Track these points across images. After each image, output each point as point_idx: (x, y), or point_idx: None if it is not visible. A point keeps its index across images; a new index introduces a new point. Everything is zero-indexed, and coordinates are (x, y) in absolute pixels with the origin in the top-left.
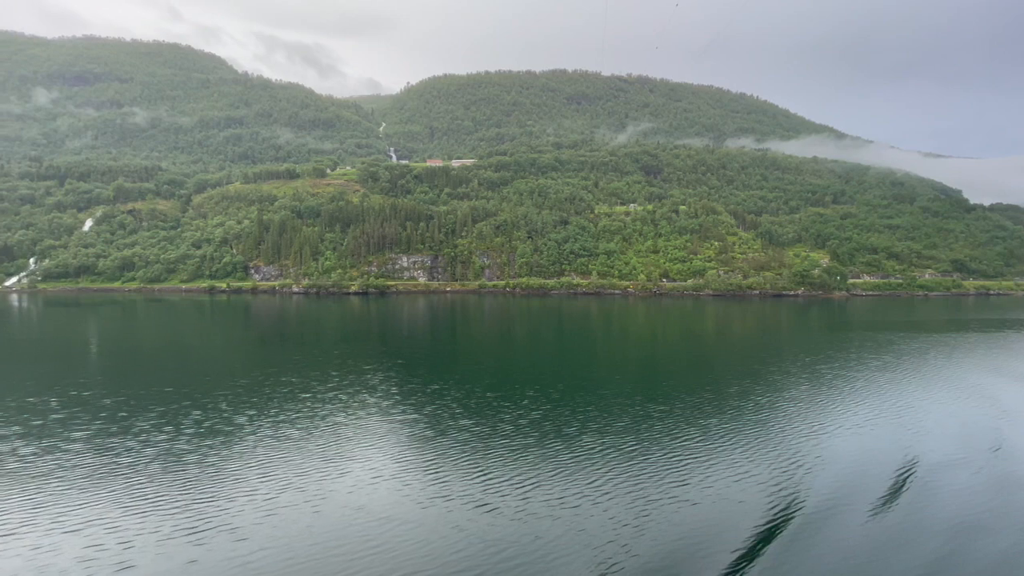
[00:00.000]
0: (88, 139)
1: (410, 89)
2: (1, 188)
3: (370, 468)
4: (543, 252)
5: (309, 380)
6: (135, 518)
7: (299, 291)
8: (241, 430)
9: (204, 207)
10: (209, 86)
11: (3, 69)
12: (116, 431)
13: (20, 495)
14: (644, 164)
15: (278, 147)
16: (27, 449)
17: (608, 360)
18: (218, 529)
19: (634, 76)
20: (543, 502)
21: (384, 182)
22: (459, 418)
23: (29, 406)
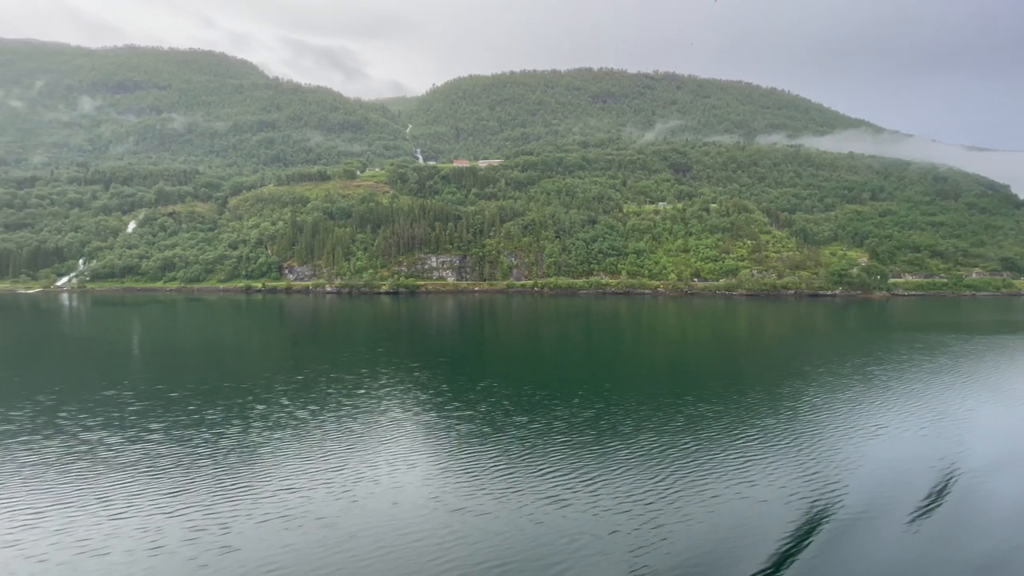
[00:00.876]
0: (130, 144)
1: (435, 90)
2: (52, 192)
3: (435, 462)
4: (571, 252)
5: (361, 377)
6: (228, 504)
7: (332, 291)
8: (306, 424)
9: (240, 209)
10: (242, 91)
11: (52, 79)
12: (189, 423)
13: (119, 481)
14: (673, 162)
15: (308, 149)
16: (113, 439)
17: (638, 361)
18: (308, 516)
19: (661, 73)
20: (575, 498)
21: (412, 183)
22: (502, 416)
23: (107, 399)
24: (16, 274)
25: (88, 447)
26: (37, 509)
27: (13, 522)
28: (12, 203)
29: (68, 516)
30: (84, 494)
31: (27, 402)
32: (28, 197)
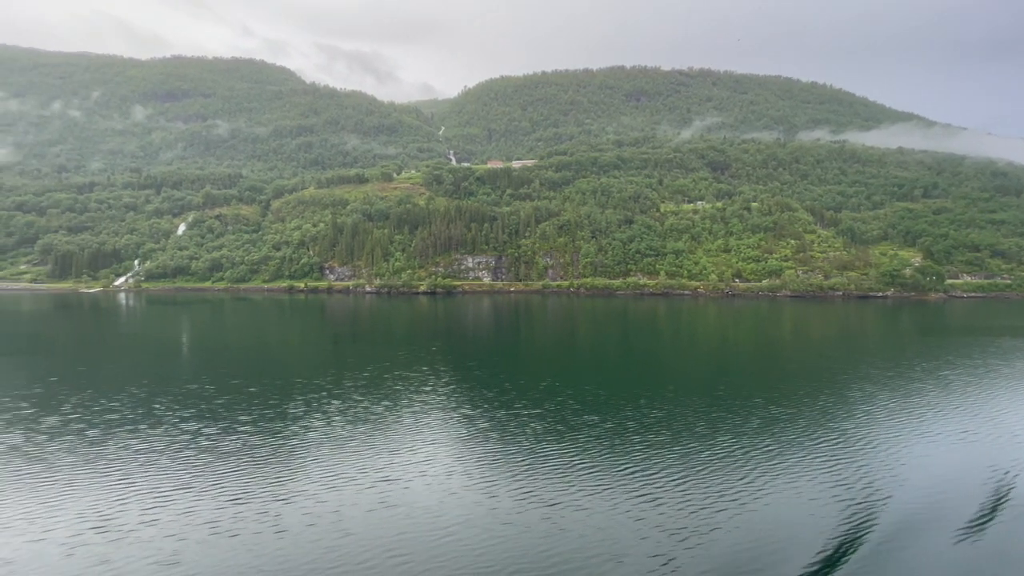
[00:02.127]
0: (179, 150)
1: (467, 92)
2: (109, 197)
3: (474, 461)
4: (607, 252)
5: (408, 376)
6: (333, 493)
7: (371, 291)
8: (350, 424)
9: (282, 211)
10: (281, 97)
11: (107, 89)
12: (275, 416)
13: (228, 468)
14: (710, 160)
15: (345, 153)
16: (210, 430)
17: (679, 362)
18: (367, 508)
19: (695, 69)
20: (615, 498)
21: (447, 184)
22: (543, 416)
23: (193, 392)
24: (79, 274)
25: (190, 436)
26: (162, 492)
27: (145, 503)
28: (74, 207)
29: (193, 499)
30: (200, 479)
31: (122, 394)
32: (88, 202)
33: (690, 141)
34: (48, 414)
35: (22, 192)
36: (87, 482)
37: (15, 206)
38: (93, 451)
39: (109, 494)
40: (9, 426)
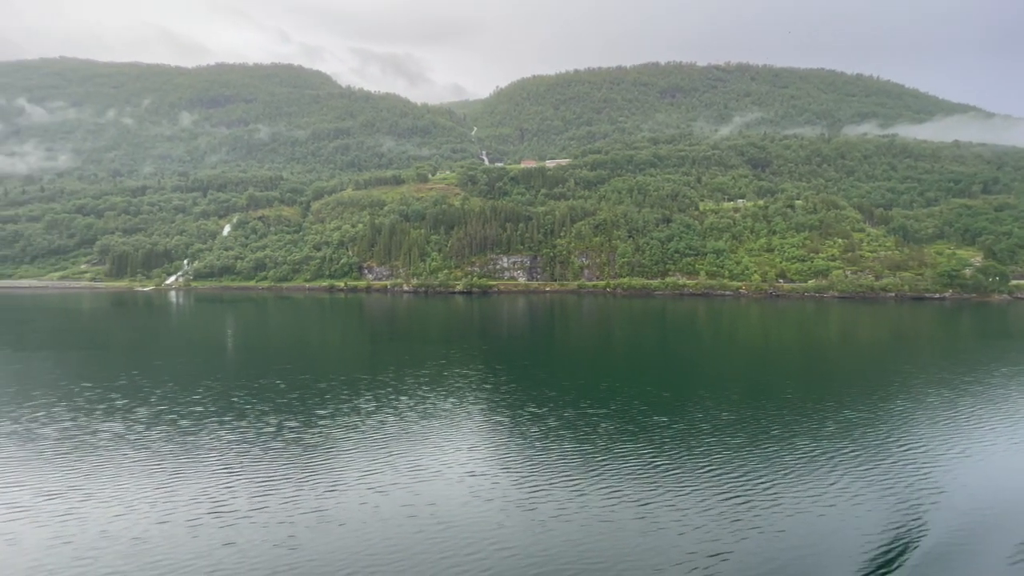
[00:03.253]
0: (223, 154)
1: (499, 92)
2: (160, 200)
3: (506, 460)
4: (645, 251)
5: (468, 374)
6: (376, 493)
7: (409, 290)
8: (393, 422)
9: (322, 212)
10: (319, 101)
11: (156, 97)
12: (350, 411)
13: (329, 458)
14: (750, 157)
15: (381, 154)
16: (293, 423)
17: (719, 364)
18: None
19: (732, 64)
20: (647, 502)
21: (482, 185)
22: (576, 418)
23: (268, 387)
24: (133, 273)
25: (275, 429)
26: (264, 480)
27: (251, 490)
28: (128, 210)
29: (294, 488)
30: (296, 469)
31: (200, 388)
32: (141, 204)
33: (728, 138)
34: (139, 405)
35: (81, 196)
36: (193, 469)
37: (75, 209)
38: (189, 440)
39: (216, 481)
40: (108, 416)
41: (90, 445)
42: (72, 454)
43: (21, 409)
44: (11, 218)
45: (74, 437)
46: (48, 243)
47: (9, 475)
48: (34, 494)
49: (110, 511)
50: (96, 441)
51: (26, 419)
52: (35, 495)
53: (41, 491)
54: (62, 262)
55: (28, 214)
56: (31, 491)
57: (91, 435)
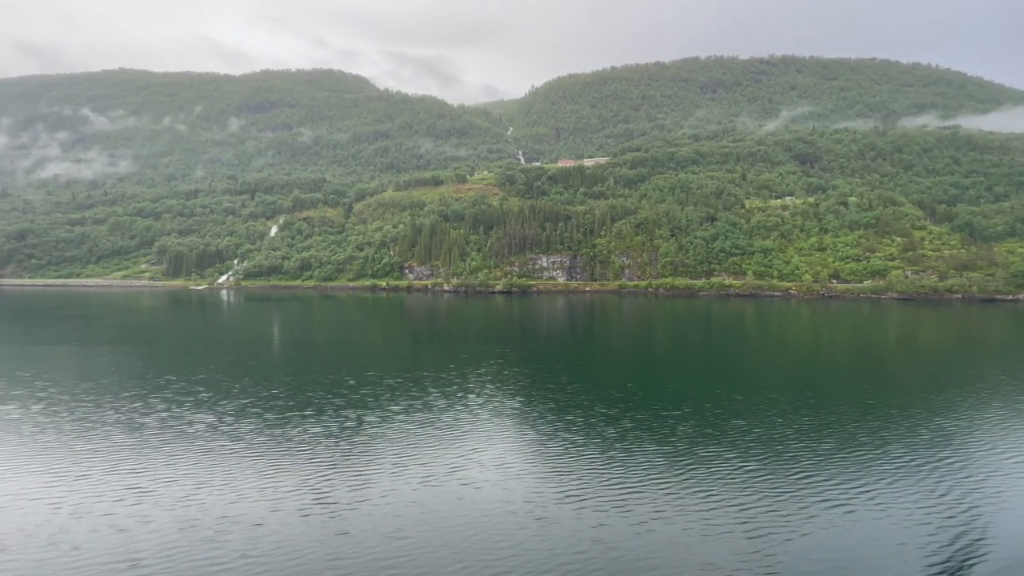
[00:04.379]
0: (269, 157)
1: (535, 92)
2: (211, 202)
3: (540, 462)
4: (689, 251)
5: (527, 373)
6: (471, 489)
7: (450, 289)
8: (433, 417)
9: (364, 213)
10: (358, 104)
11: (207, 104)
12: (389, 409)
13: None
14: (798, 153)
15: (419, 156)
16: (371, 418)
17: (765, 366)
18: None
19: (777, 57)
20: (684, 508)
21: (520, 184)
22: (614, 420)
23: (338, 383)
24: (188, 273)
25: (356, 423)
26: (365, 470)
27: (350, 482)
28: (183, 212)
29: (392, 479)
30: (387, 462)
31: (276, 383)
32: (194, 207)
33: (774, 133)
34: (223, 398)
35: (140, 199)
36: (289, 460)
37: (135, 212)
38: (279, 432)
39: (313, 472)
40: (198, 408)
41: (189, 435)
42: (175, 443)
43: (119, 400)
44: (79, 221)
45: (173, 427)
46: (111, 244)
47: (125, 461)
48: (151, 479)
49: (224, 497)
50: (193, 431)
51: (126, 409)
52: (152, 480)
53: (157, 477)
54: (124, 262)
55: (93, 217)
56: (148, 477)
57: (187, 425)
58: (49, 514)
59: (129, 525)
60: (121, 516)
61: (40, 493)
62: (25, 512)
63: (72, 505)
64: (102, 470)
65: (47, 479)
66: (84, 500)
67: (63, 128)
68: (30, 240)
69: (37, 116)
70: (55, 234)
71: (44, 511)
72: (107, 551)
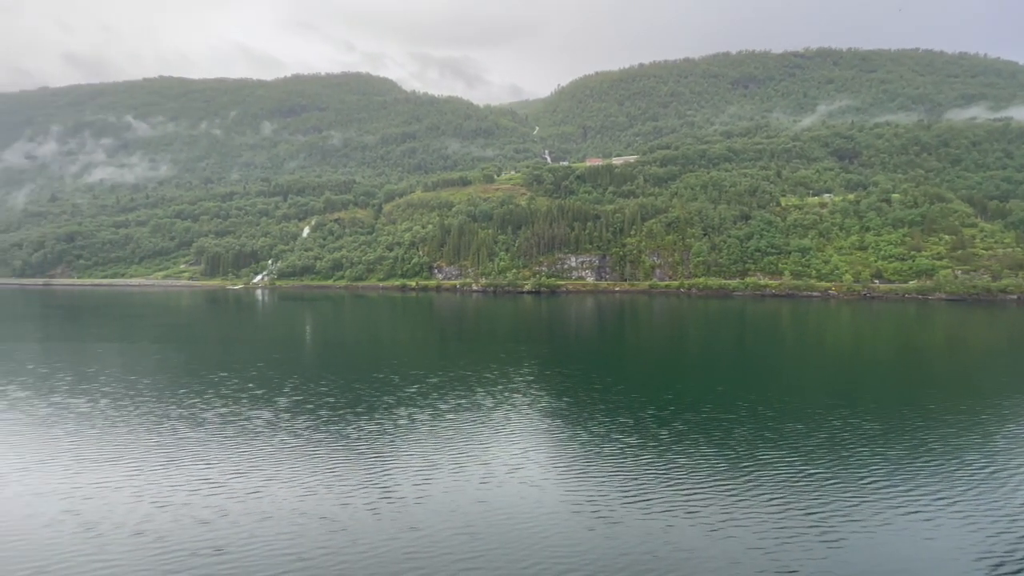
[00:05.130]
0: (300, 160)
1: (561, 91)
2: (246, 204)
3: (571, 464)
4: (722, 250)
5: (572, 374)
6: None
7: (478, 289)
8: (466, 417)
9: (393, 214)
10: (386, 107)
11: (241, 109)
12: (411, 408)
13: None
14: (836, 148)
15: (446, 157)
16: (423, 415)
17: (803, 369)
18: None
19: (812, 50)
20: (716, 514)
21: (548, 184)
22: (645, 422)
23: (382, 380)
24: (225, 273)
25: (408, 421)
26: (424, 467)
27: (413, 479)
28: (219, 214)
29: (454, 475)
30: (447, 459)
31: (325, 380)
32: (230, 209)
33: (811, 128)
34: (276, 395)
35: (179, 202)
36: (349, 456)
37: (175, 214)
38: (335, 429)
39: (375, 468)
40: (255, 404)
41: (250, 430)
42: (238, 438)
43: (179, 396)
44: (123, 223)
45: (233, 422)
46: (153, 245)
47: (194, 454)
48: (220, 472)
49: (293, 492)
50: (253, 427)
51: (187, 404)
52: (222, 473)
53: (226, 470)
54: (165, 262)
55: (136, 219)
56: (217, 470)
57: (247, 421)
58: (132, 503)
59: (208, 516)
60: (198, 507)
61: (120, 483)
62: (109, 501)
63: (152, 495)
64: (175, 462)
65: (124, 470)
66: (162, 491)
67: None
68: (78, 242)
69: (84, 123)
70: (101, 236)
71: (127, 500)
72: (192, 540)
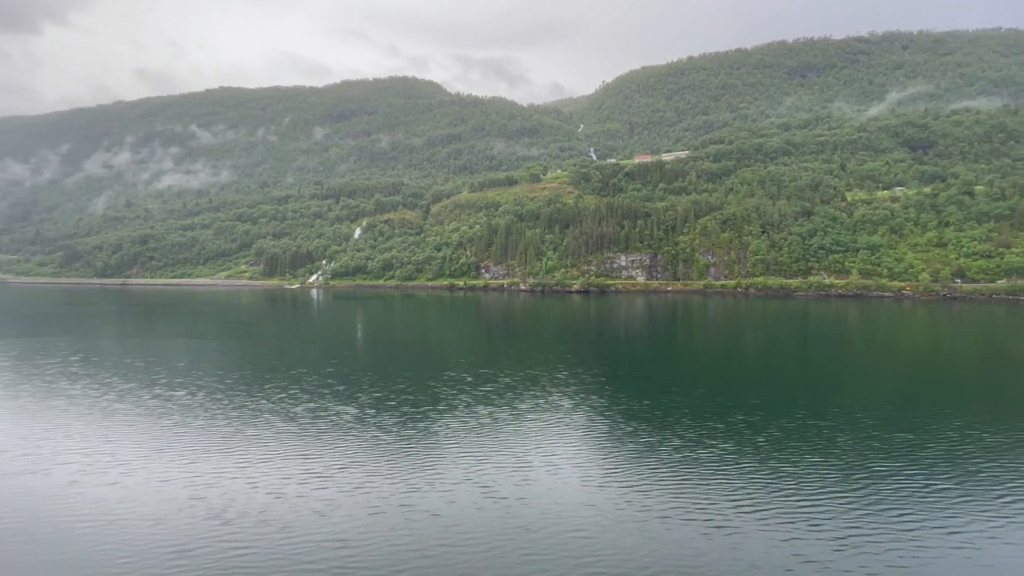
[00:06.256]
0: (350, 163)
1: (606, 87)
2: (300, 207)
3: (615, 464)
4: (782, 248)
5: (649, 376)
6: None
7: (526, 289)
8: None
9: (441, 215)
10: (431, 109)
11: (295, 115)
12: (495, 408)
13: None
14: (908, 138)
15: (491, 157)
16: (505, 412)
17: (872, 374)
18: None
19: (878, 34)
20: (764, 521)
21: (595, 182)
22: (696, 426)
23: (451, 380)
24: (282, 273)
25: (484, 419)
26: (528, 466)
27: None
28: (276, 216)
29: (554, 473)
30: (548, 458)
31: (401, 378)
32: (286, 211)
33: (878, 117)
34: (359, 392)
35: (240, 205)
36: (445, 453)
37: (236, 217)
38: (421, 426)
39: (474, 464)
40: (341, 400)
41: (341, 426)
42: (333, 432)
43: (266, 390)
44: (189, 226)
45: (323, 418)
46: (217, 247)
47: (294, 447)
48: (325, 465)
49: (396, 487)
50: (342, 422)
51: (276, 399)
52: (326, 467)
53: (329, 464)
54: (227, 263)
55: (201, 223)
56: (320, 463)
57: (336, 416)
58: (249, 492)
59: (323, 509)
60: (312, 500)
61: (234, 473)
62: (228, 490)
63: (266, 486)
64: (279, 455)
65: (235, 461)
66: (274, 482)
67: (175, 143)
68: (151, 244)
69: (154, 133)
70: (170, 239)
71: (244, 489)
72: (314, 532)
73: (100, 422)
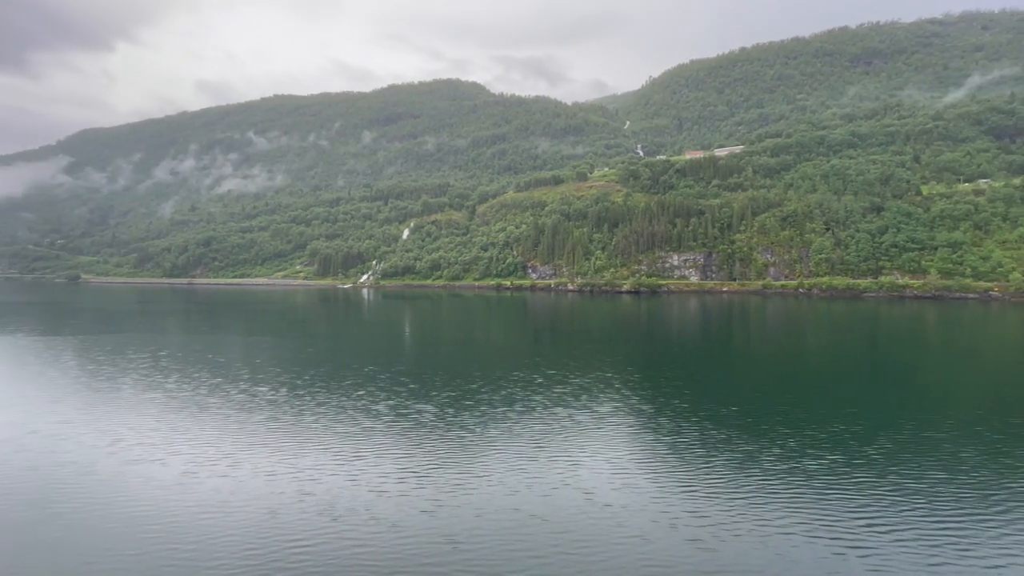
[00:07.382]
0: (397, 166)
1: (653, 83)
2: (351, 209)
3: (657, 472)
4: (849, 246)
5: (714, 379)
6: None
7: (574, 289)
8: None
9: (487, 215)
10: (475, 110)
11: (344, 120)
12: (570, 409)
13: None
14: (992, 126)
15: (536, 156)
16: (586, 413)
17: (950, 383)
18: None
19: (953, 15)
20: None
21: (644, 179)
22: (738, 434)
23: (519, 379)
24: (335, 273)
25: (568, 421)
26: (592, 468)
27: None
28: (328, 218)
29: (615, 472)
30: (603, 461)
31: (473, 377)
32: (337, 214)
33: (957, 104)
34: (431, 390)
35: (294, 208)
36: (505, 457)
37: (290, 219)
38: (504, 427)
39: (571, 465)
40: (413, 399)
41: (424, 424)
42: (417, 430)
43: (344, 387)
44: (247, 228)
45: (405, 415)
46: (273, 248)
47: (385, 444)
48: (419, 464)
49: (495, 488)
50: (425, 420)
51: (355, 396)
52: (420, 465)
53: (422, 462)
54: (283, 264)
55: (258, 225)
56: (414, 461)
57: (416, 415)
58: (352, 488)
59: (428, 507)
60: (415, 497)
61: (334, 469)
62: (331, 486)
63: (367, 483)
64: (373, 452)
65: (333, 457)
66: (373, 479)
67: (234, 150)
68: (213, 246)
69: (215, 141)
70: (231, 240)
71: (346, 484)
72: (423, 530)
73: (197, 415)
